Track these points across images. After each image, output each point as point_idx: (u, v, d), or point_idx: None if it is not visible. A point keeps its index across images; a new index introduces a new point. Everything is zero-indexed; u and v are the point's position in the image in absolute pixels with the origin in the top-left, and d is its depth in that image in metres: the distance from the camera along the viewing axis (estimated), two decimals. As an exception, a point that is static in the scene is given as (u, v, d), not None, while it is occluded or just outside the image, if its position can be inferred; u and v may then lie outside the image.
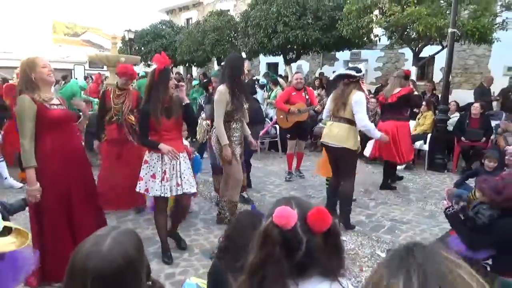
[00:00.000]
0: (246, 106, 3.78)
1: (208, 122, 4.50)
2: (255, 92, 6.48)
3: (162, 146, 3.07)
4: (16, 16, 22.70)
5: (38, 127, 2.66)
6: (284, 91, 6.31)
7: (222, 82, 3.68)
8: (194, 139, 5.23)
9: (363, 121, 3.84)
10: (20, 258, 1.71)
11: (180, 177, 3.17)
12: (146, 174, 3.17)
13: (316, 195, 5.27)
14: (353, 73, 3.90)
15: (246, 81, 3.86)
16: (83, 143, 3.43)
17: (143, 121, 3.15)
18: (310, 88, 6.79)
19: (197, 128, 4.60)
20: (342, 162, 4.01)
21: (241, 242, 1.71)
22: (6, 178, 5.36)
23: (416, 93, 5.39)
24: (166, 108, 3.10)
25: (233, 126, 3.76)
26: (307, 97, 5.86)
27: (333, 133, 3.95)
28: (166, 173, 3.12)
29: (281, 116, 5.95)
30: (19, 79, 2.81)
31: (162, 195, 3.14)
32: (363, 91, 3.89)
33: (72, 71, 16.01)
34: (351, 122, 3.88)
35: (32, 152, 2.63)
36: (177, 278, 3.05)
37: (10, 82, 7.79)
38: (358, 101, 3.80)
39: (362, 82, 3.90)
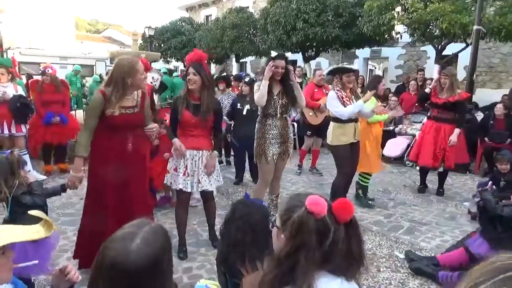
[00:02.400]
0: (281, 101, 3.62)
1: None
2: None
3: (175, 141, 3.13)
4: (40, 14, 23.29)
5: (101, 124, 2.74)
6: (307, 88, 6.17)
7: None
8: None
9: (341, 113, 4.02)
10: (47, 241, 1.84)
11: (200, 174, 3.20)
12: (171, 167, 3.26)
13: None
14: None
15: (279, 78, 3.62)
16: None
17: (171, 113, 3.25)
18: (327, 85, 6.69)
19: None
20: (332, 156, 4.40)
21: (236, 231, 1.81)
22: (29, 170, 5.51)
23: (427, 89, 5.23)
24: (195, 105, 3.11)
25: (268, 122, 3.65)
26: (327, 92, 5.84)
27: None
28: (188, 168, 3.17)
29: (310, 114, 5.91)
30: (109, 75, 2.84)
31: (184, 189, 3.18)
32: (334, 88, 4.14)
33: (94, 67, 16.29)
34: (334, 119, 4.18)
35: (86, 145, 2.73)
36: (194, 272, 3.08)
37: (35, 78, 8.02)
38: (327, 101, 4.22)
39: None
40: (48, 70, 5.55)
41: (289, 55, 3.68)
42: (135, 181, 2.90)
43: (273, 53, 3.58)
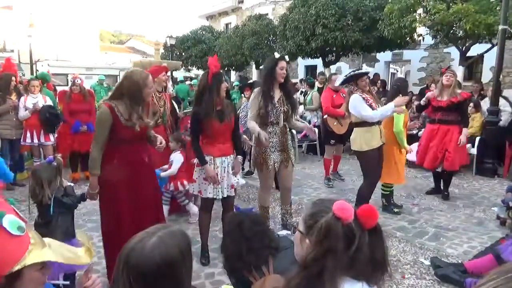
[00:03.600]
0: (283, 108, 3.59)
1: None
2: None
3: (207, 168, 3.09)
4: (67, 27, 24.20)
5: (110, 138, 2.69)
6: (325, 95, 6.02)
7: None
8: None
9: (370, 116, 3.95)
10: None
11: (229, 178, 3.26)
12: (198, 176, 3.25)
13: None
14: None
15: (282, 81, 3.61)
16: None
17: (194, 124, 3.18)
18: (344, 89, 6.58)
19: None
20: (360, 163, 4.27)
21: (230, 243, 1.81)
22: (58, 178, 5.70)
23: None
24: (219, 111, 3.12)
25: (269, 130, 3.58)
26: (345, 96, 5.74)
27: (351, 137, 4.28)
28: (218, 176, 3.17)
29: (335, 123, 5.73)
30: (118, 88, 2.73)
31: (215, 197, 3.24)
32: (360, 92, 4.06)
33: (118, 76, 16.73)
34: (357, 124, 4.11)
35: (98, 161, 2.70)
36: (217, 278, 3.11)
37: (60, 88, 8.31)
38: (351, 105, 4.06)
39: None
40: (77, 80, 5.76)
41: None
42: (150, 191, 2.89)
43: (276, 55, 3.61)
